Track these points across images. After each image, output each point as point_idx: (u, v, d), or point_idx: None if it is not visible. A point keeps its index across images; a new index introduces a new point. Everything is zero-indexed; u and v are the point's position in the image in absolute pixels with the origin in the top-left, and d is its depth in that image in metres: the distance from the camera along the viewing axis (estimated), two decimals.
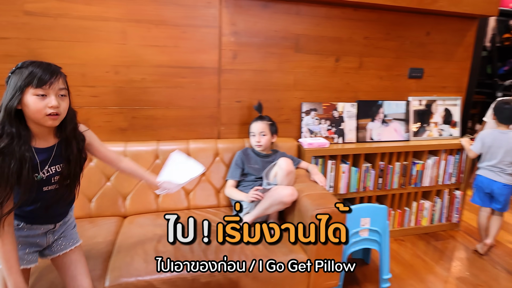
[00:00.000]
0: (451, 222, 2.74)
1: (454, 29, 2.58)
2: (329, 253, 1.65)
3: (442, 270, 2.24)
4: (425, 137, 2.61)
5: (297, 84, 2.28)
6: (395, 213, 2.57)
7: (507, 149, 2.28)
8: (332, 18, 2.26)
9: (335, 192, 2.33)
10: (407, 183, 2.52)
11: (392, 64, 2.50)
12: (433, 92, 2.66)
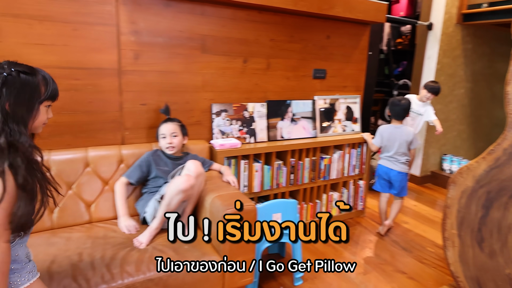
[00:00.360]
0: (357, 210, 2.97)
1: (350, 33, 2.79)
2: (241, 251, 1.66)
3: (350, 254, 2.41)
4: (330, 133, 2.79)
5: (206, 85, 2.26)
6: (308, 206, 2.69)
7: (401, 141, 2.55)
8: (238, 19, 2.29)
9: (249, 191, 2.36)
10: (317, 177, 2.66)
11: (298, 65, 2.61)
12: (335, 91, 2.85)
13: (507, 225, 1.62)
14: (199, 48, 2.18)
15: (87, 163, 1.85)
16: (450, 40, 3.64)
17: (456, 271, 1.85)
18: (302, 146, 2.52)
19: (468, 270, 1.80)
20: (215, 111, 2.31)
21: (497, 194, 1.65)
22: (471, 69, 3.92)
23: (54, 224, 1.77)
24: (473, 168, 1.73)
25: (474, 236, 1.75)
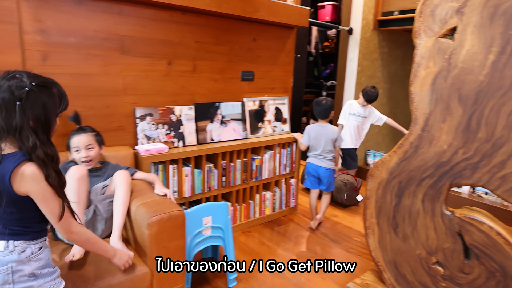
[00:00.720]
0: (290, 207, 3.07)
1: (276, 36, 2.88)
2: (170, 257, 1.63)
3: (283, 251, 2.48)
4: (261, 134, 2.85)
5: (128, 88, 2.18)
6: (241, 207, 2.72)
7: (326, 140, 2.68)
8: (160, 20, 2.25)
9: (180, 196, 2.32)
10: (249, 178, 2.70)
11: (225, 67, 2.64)
12: (264, 93, 2.92)
13: (415, 210, 1.78)
14: (118, 49, 2.10)
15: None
16: (369, 44, 3.92)
17: (377, 256, 1.99)
18: (232, 148, 2.54)
19: (387, 254, 1.94)
20: (139, 115, 2.24)
21: (406, 183, 1.80)
22: (388, 70, 4.25)
23: None
24: (387, 161, 1.87)
25: (390, 223, 1.89)
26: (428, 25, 1.65)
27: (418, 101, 1.71)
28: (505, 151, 1.47)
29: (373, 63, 4.04)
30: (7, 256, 1.06)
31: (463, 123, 1.57)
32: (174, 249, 1.64)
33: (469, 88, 1.53)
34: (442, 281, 1.74)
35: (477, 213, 1.61)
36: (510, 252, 1.49)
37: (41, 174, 1.04)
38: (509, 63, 1.42)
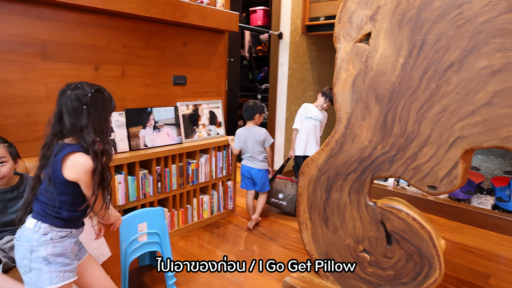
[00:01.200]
0: (228, 209, 3.10)
1: (207, 41, 2.90)
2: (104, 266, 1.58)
3: (222, 252, 2.50)
4: (196, 138, 2.84)
5: (51, 95, 2.06)
6: (178, 212, 2.69)
7: (254, 141, 2.76)
8: (84, 24, 2.16)
9: (114, 205, 2.23)
10: (185, 182, 2.68)
11: (156, 72, 2.60)
12: (197, 97, 2.92)
13: (343, 203, 1.91)
14: (38, 55, 1.98)
15: None
16: (298, 48, 4.09)
17: (311, 250, 2.09)
18: (167, 153, 2.51)
19: (319, 247, 2.05)
20: None
21: (334, 178, 1.92)
22: (317, 73, 4.48)
23: None
24: (316, 159, 1.98)
25: (321, 216, 2.01)
26: (346, 31, 1.78)
27: (340, 101, 1.84)
28: (416, 144, 1.64)
29: (303, 66, 4.23)
30: (33, 235, 1.20)
31: (380, 120, 1.72)
32: (108, 258, 1.59)
33: (384, 88, 1.69)
34: (368, 266, 1.88)
35: (396, 202, 1.77)
36: (425, 235, 1.66)
37: (91, 166, 1.20)
38: (415, 65, 1.58)
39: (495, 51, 1.39)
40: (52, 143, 1.26)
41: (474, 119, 1.47)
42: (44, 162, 1.26)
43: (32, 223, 1.21)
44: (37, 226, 1.20)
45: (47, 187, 1.22)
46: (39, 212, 1.23)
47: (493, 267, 2.47)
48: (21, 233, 1.22)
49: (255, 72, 6.14)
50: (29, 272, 1.19)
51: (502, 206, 3.22)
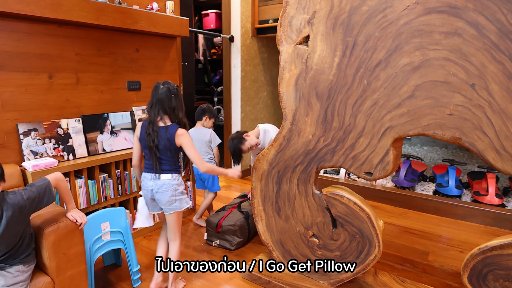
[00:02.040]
0: (189, 208, 3.19)
1: (159, 46, 2.99)
2: (69, 266, 1.65)
3: (184, 248, 2.61)
4: None
5: (7, 104, 2.08)
6: None
7: (200, 142, 2.85)
8: (35, 34, 2.18)
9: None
10: None
11: (110, 78, 2.65)
12: None
13: (293, 194, 2.08)
14: None
15: None
16: (249, 51, 4.26)
17: (266, 239, 2.24)
18: (126, 157, 2.58)
19: (274, 236, 2.21)
20: (23, 131, 2.15)
21: (284, 171, 2.08)
22: (269, 74, 4.67)
23: None
24: (266, 154, 2.14)
25: (274, 207, 2.16)
26: (287, 34, 1.95)
27: (286, 100, 2.00)
28: (353, 136, 1.83)
29: (255, 68, 4.40)
30: (173, 181, 1.94)
31: (321, 115, 1.90)
32: (74, 256, 1.67)
33: (323, 86, 1.87)
34: (318, 249, 2.06)
35: (339, 189, 1.95)
36: (364, 217, 1.86)
37: (187, 133, 1.92)
38: (349, 64, 1.77)
39: (414, 49, 1.60)
40: (154, 122, 1.89)
41: (400, 110, 1.68)
42: (153, 135, 1.87)
43: (169, 176, 1.93)
44: (173, 177, 1.94)
45: (167, 153, 1.91)
46: (169, 169, 1.94)
47: (432, 245, 2.75)
48: (162, 183, 1.91)
49: (210, 75, 6.24)
50: (175, 202, 1.95)
51: (442, 191, 3.54)
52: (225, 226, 2.60)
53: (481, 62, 1.47)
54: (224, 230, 2.61)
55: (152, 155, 1.88)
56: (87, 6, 2.25)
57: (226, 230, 2.60)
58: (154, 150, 1.86)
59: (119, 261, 2.36)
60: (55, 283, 1.61)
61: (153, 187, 1.91)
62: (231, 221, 2.62)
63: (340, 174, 4.06)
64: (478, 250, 1.58)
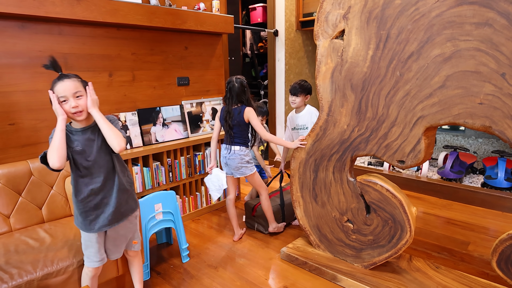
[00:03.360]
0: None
1: (206, 43, 3.20)
2: None
3: (229, 231, 2.81)
4: (200, 132, 3.15)
5: None
6: (189, 199, 3.00)
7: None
8: (97, 37, 2.48)
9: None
10: (193, 172, 2.99)
11: (162, 75, 2.91)
12: (200, 96, 3.23)
13: (329, 181, 2.19)
14: (62, 66, 2.28)
15: None
16: (293, 44, 4.36)
17: (304, 224, 2.38)
18: (176, 147, 2.83)
19: (311, 220, 2.34)
20: None
21: (320, 160, 2.20)
22: (313, 67, 4.74)
23: None
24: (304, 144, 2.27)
25: (311, 194, 2.29)
26: (324, 29, 2.05)
27: (322, 92, 2.12)
28: (386, 125, 1.90)
29: (299, 61, 4.50)
30: (241, 152, 2.47)
31: (356, 106, 1.99)
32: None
33: (357, 78, 1.95)
34: (352, 234, 2.16)
35: (373, 177, 2.04)
36: (396, 203, 1.93)
37: (253, 110, 2.41)
38: (382, 57, 1.84)
39: (446, 40, 1.64)
40: (229, 107, 2.43)
41: (431, 100, 1.73)
42: (229, 116, 2.42)
43: (238, 147, 2.47)
44: (241, 148, 2.47)
45: (238, 128, 2.43)
46: (239, 141, 2.46)
47: (474, 236, 2.71)
48: (233, 152, 2.47)
49: (257, 69, 6.37)
50: (241, 169, 2.50)
51: (490, 183, 3.44)
52: (260, 211, 2.75)
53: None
54: (259, 215, 2.76)
55: (227, 130, 2.46)
56: (141, 10, 2.50)
57: (261, 214, 2.75)
58: (228, 125, 2.44)
59: (170, 240, 2.62)
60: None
61: (226, 155, 2.51)
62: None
63: (384, 166, 4.06)
64: (507, 236, 1.61)
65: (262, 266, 2.31)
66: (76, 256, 1.76)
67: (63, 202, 2.18)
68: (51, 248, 1.79)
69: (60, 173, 2.19)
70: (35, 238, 1.89)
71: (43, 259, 1.71)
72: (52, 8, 2.09)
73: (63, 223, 2.08)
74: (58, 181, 2.18)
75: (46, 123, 2.26)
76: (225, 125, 2.47)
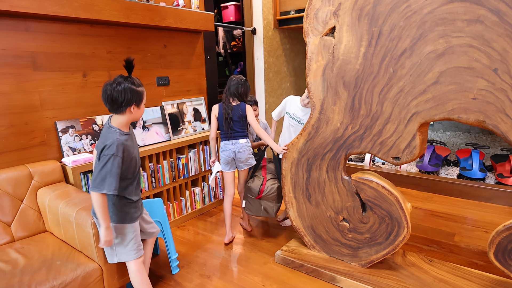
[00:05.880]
0: (219, 199, 3.31)
1: (185, 41, 3.08)
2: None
3: (217, 237, 2.71)
4: (183, 134, 3.03)
5: (46, 103, 2.21)
6: (173, 205, 2.88)
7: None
8: (69, 34, 2.30)
9: None
10: (177, 176, 2.87)
11: (140, 74, 2.76)
12: (181, 96, 3.10)
13: (322, 180, 2.15)
14: (30, 66, 2.12)
15: None
16: (272, 42, 4.30)
17: (297, 225, 2.33)
18: (158, 150, 2.69)
19: (305, 221, 2.30)
20: (61, 128, 2.28)
21: (313, 159, 2.16)
22: (292, 65, 4.71)
23: None
24: (296, 143, 2.21)
25: (304, 194, 2.24)
26: (313, 26, 2.00)
27: (314, 90, 2.07)
28: (380, 122, 1.88)
29: (278, 59, 4.45)
30: (247, 144, 2.53)
31: (349, 104, 1.96)
32: None
33: (350, 75, 1.92)
34: (348, 233, 2.13)
35: (367, 174, 2.02)
36: (393, 200, 1.92)
37: (251, 108, 2.49)
38: (375, 53, 1.82)
39: (438, 37, 1.64)
40: (229, 101, 2.47)
41: (425, 96, 1.73)
42: (228, 111, 2.45)
43: (244, 140, 2.51)
44: (247, 141, 2.52)
45: (240, 123, 2.47)
46: (243, 135, 2.50)
47: (458, 227, 2.78)
48: (241, 145, 2.50)
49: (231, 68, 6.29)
50: (249, 160, 2.54)
51: (466, 175, 3.55)
52: (267, 193, 2.51)
53: (503, 48, 1.50)
54: (267, 197, 2.52)
55: (227, 125, 2.47)
56: (117, 5, 2.35)
57: (269, 196, 2.52)
58: (229, 121, 2.46)
59: (156, 250, 2.49)
60: (103, 270, 1.74)
61: (235, 149, 2.50)
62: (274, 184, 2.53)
63: (365, 161, 4.10)
64: (503, 227, 1.63)
65: (257, 272, 2.24)
66: (57, 277, 1.58)
67: (36, 217, 2.01)
68: (26, 271, 1.61)
69: (31, 184, 2.01)
70: (6, 260, 1.70)
71: (18, 285, 1.52)
72: (17, 2, 1.89)
73: (37, 240, 1.92)
74: (29, 193, 2.01)
75: (12, 129, 2.06)
76: (227, 121, 2.48)
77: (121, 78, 1.58)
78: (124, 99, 1.56)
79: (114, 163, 1.52)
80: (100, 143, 1.58)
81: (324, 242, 2.26)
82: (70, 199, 1.91)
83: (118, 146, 1.54)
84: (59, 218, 1.88)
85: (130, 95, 1.57)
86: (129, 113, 1.62)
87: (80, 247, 1.81)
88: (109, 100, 1.57)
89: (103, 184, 1.51)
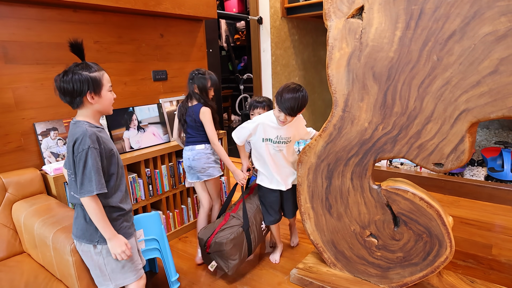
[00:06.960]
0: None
1: (185, 30, 2.75)
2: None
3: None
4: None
5: (21, 102, 1.89)
6: (174, 214, 2.57)
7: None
8: (47, 20, 1.97)
9: None
10: (177, 182, 2.55)
11: (134, 68, 2.43)
12: (181, 92, 2.78)
13: (346, 189, 1.83)
14: (0, 58, 1.80)
15: None
16: (279, 33, 3.97)
17: (315, 239, 2.01)
18: (155, 154, 2.37)
19: (324, 235, 1.98)
20: (41, 131, 1.96)
21: (335, 164, 1.84)
22: (300, 58, 4.37)
23: None
24: (313, 146, 1.89)
25: (324, 205, 1.93)
26: (336, 6, 1.67)
27: (336, 83, 1.74)
28: (419, 122, 1.56)
29: (286, 51, 4.12)
30: (206, 151, 2.18)
31: (379, 100, 1.63)
32: None
33: (381, 65, 1.59)
34: (377, 250, 1.81)
35: (400, 183, 1.70)
36: (433, 214, 1.60)
37: (208, 112, 2.11)
38: (414, 38, 1.49)
39: (500, 15, 1.30)
40: (186, 101, 2.18)
41: (479, 90, 1.40)
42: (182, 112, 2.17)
43: (202, 146, 2.17)
44: (205, 146, 2.17)
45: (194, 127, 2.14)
46: (201, 140, 2.16)
47: (494, 237, 2.47)
48: (197, 152, 2.16)
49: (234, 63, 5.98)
50: (208, 170, 2.18)
51: (495, 176, 3.23)
52: (214, 247, 1.95)
53: None
54: (214, 251, 1.97)
55: (183, 129, 2.22)
56: None
57: (216, 251, 1.96)
58: (183, 124, 2.19)
59: (154, 268, 2.18)
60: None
61: (189, 156, 2.17)
62: (222, 238, 1.93)
63: (382, 162, 3.78)
64: None
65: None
66: None
67: (11, 236, 1.70)
68: None
69: (4, 197, 1.70)
70: None
71: None
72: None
73: (10, 265, 1.61)
74: (2, 208, 1.70)
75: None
76: (180, 123, 2.22)
77: (72, 65, 1.34)
78: (74, 89, 1.29)
79: (93, 156, 1.27)
80: (69, 140, 1.31)
81: (347, 260, 1.95)
82: (49, 216, 1.60)
83: (91, 136, 1.28)
84: (35, 240, 1.58)
85: (80, 83, 1.30)
86: (90, 104, 1.35)
87: (59, 275, 1.51)
88: (61, 93, 1.32)
89: (92, 184, 1.26)
